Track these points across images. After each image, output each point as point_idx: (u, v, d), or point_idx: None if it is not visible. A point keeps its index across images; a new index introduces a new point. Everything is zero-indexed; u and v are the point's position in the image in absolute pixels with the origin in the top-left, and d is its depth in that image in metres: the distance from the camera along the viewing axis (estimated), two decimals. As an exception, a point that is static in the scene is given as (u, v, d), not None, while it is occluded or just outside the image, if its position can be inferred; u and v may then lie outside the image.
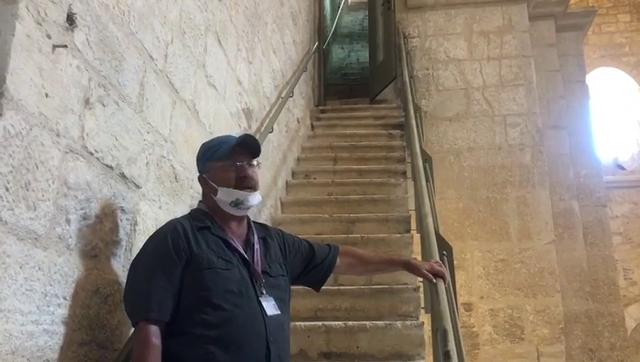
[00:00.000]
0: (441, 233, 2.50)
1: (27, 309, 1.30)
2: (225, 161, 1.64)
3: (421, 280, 2.15)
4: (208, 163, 1.69)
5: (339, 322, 2.61)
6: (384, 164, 4.70)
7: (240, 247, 1.60)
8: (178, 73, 2.26)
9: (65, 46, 1.44)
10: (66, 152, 1.46)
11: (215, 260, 1.52)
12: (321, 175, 4.56)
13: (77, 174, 1.51)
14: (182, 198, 2.26)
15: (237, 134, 1.77)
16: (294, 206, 4.16)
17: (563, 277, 5.23)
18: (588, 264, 5.58)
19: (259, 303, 1.51)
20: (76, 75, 1.50)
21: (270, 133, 3.58)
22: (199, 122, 2.50)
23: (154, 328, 1.41)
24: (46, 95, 1.36)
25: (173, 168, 2.18)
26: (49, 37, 1.38)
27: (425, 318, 2.54)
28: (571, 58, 6.59)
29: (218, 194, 1.63)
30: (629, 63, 11.00)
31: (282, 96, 4.30)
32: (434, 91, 5.86)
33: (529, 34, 5.98)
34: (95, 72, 1.60)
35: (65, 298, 1.45)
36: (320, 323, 2.60)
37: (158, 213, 2.02)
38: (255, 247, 1.64)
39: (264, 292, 1.55)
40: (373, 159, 4.78)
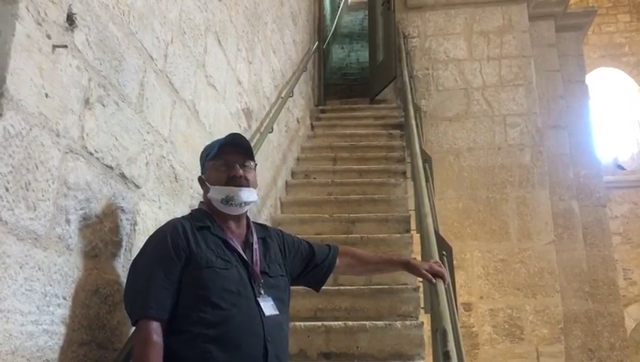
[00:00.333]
0: (440, 233, 2.49)
1: (27, 309, 1.30)
2: (216, 161, 1.67)
3: (421, 280, 2.15)
4: (206, 163, 1.72)
5: (338, 322, 2.61)
6: (384, 164, 4.70)
7: (239, 247, 1.60)
8: (178, 73, 2.26)
9: (65, 46, 1.44)
10: (66, 152, 1.46)
11: (214, 260, 1.52)
12: (320, 175, 4.56)
13: (77, 174, 1.51)
14: (182, 198, 2.26)
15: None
16: (294, 206, 4.16)
17: (563, 277, 5.23)
18: (587, 264, 5.57)
19: (257, 303, 1.52)
20: (76, 75, 1.50)
21: (270, 133, 3.59)
22: (199, 122, 2.50)
23: (155, 326, 1.41)
24: (46, 95, 1.37)
25: (173, 168, 2.18)
26: (49, 37, 1.38)
27: (424, 318, 2.54)
28: (571, 58, 6.58)
29: (210, 192, 1.65)
30: (629, 63, 11.00)
31: (282, 96, 4.30)
32: (434, 91, 5.86)
33: (529, 34, 5.98)
34: (95, 72, 1.60)
35: (65, 298, 1.45)
36: (320, 323, 2.60)
37: (158, 213, 2.02)
38: (254, 248, 1.64)
39: (262, 292, 1.55)
40: (373, 159, 4.78)
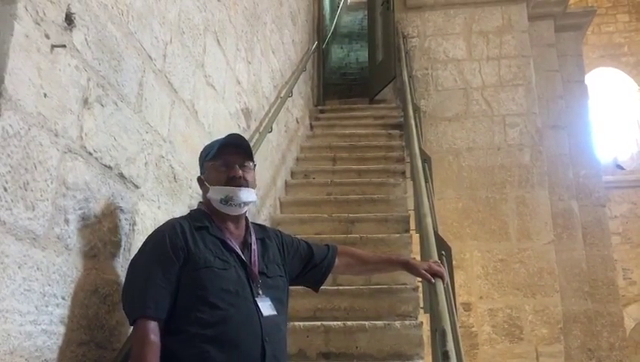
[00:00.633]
0: (440, 233, 2.49)
1: (25, 309, 1.30)
2: (215, 161, 1.67)
3: (420, 280, 2.15)
4: (205, 163, 1.72)
5: (338, 322, 2.61)
6: (383, 164, 4.70)
7: (237, 248, 1.60)
8: (177, 73, 2.26)
9: (63, 46, 1.43)
10: (65, 152, 1.46)
11: (212, 260, 1.52)
12: (320, 175, 4.56)
13: (75, 174, 1.51)
14: (180, 198, 2.26)
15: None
16: (293, 206, 4.16)
17: (562, 277, 5.23)
18: (587, 264, 5.57)
19: (255, 303, 1.52)
20: (75, 75, 1.50)
21: (269, 133, 3.58)
22: (198, 122, 2.50)
23: (152, 325, 1.41)
24: (44, 95, 1.36)
25: (172, 168, 2.18)
26: (47, 37, 1.37)
27: (424, 318, 2.54)
28: (570, 58, 6.59)
29: (209, 192, 1.65)
30: (628, 63, 11.01)
31: (281, 96, 4.29)
32: (433, 91, 5.86)
33: (528, 34, 5.98)
34: (94, 72, 1.60)
35: (63, 298, 1.45)
36: (319, 323, 2.60)
37: (157, 213, 2.02)
38: (252, 248, 1.64)
39: (260, 292, 1.55)
40: (372, 159, 4.78)
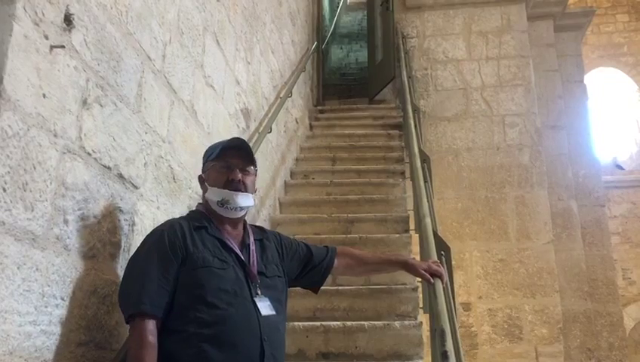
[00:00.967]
0: (439, 233, 2.49)
1: (25, 310, 1.30)
2: (217, 162, 1.68)
3: (419, 280, 2.15)
4: (207, 163, 1.73)
5: (337, 322, 2.61)
6: (383, 164, 4.70)
7: (236, 248, 1.61)
8: (176, 73, 2.26)
9: (62, 46, 1.43)
10: (64, 153, 1.46)
11: (211, 259, 1.53)
12: (319, 175, 4.56)
13: (75, 175, 1.51)
14: (180, 198, 2.26)
15: (238, 135, 1.78)
16: (293, 206, 4.16)
17: (562, 277, 5.24)
18: (586, 264, 5.58)
19: (253, 303, 1.52)
20: (74, 76, 1.50)
21: (269, 134, 3.58)
22: (197, 122, 2.50)
23: (150, 325, 1.41)
24: (43, 95, 1.36)
25: (171, 168, 2.18)
26: (46, 37, 1.37)
27: (423, 318, 2.54)
28: (570, 58, 6.59)
29: (207, 192, 1.66)
30: (628, 63, 11.02)
31: (281, 96, 4.29)
32: (432, 91, 5.86)
33: (527, 34, 5.98)
34: (93, 73, 1.60)
35: (63, 298, 1.45)
36: (318, 323, 2.60)
37: (156, 214, 2.02)
38: (251, 248, 1.64)
39: (259, 292, 1.56)
40: (371, 159, 4.78)
